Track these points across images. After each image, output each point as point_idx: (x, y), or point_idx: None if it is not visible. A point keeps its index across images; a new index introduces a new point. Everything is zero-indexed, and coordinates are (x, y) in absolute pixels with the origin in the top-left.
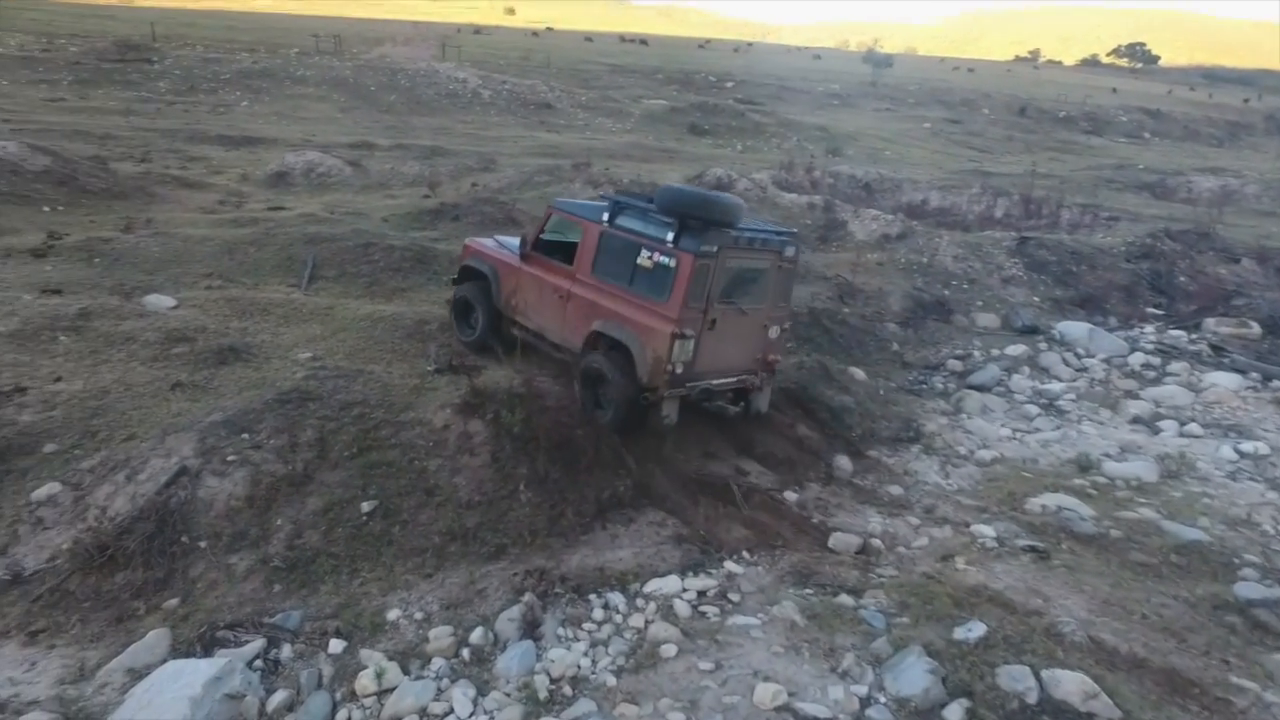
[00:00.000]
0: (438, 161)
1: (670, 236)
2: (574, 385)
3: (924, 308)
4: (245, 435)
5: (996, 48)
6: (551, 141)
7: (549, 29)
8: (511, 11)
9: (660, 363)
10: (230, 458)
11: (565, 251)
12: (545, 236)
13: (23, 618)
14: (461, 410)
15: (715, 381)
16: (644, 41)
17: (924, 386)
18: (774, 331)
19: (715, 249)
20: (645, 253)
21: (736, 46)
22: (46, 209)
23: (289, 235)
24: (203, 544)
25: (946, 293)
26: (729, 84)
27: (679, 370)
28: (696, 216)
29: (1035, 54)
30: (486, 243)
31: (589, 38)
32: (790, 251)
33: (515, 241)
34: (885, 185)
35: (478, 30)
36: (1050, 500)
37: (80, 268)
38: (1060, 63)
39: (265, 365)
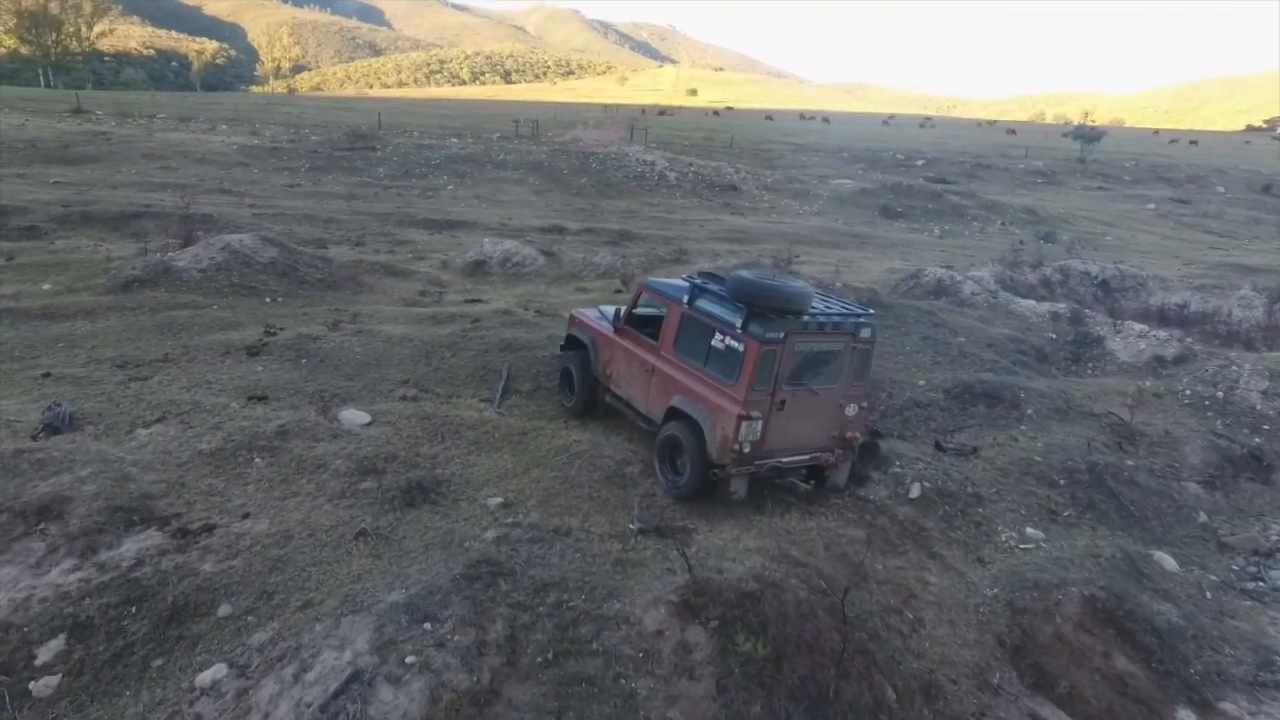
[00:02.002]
0: (627, 248)
1: (739, 322)
2: (659, 461)
3: (1232, 462)
4: (428, 625)
5: (1220, 118)
6: (738, 226)
7: (729, 108)
8: (694, 92)
9: (728, 441)
10: (409, 659)
11: (654, 326)
12: (637, 311)
13: None
14: (679, 611)
15: (786, 460)
16: (826, 119)
17: (1260, 584)
18: (851, 409)
19: (782, 335)
20: (718, 336)
21: (921, 122)
22: (268, 300)
23: (485, 340)
24: None
25: (1259, 441)
26: (919, 162)
27: (746, 449)
28: (763, 305)
29: (1274, 122)
30: (590, 314)
31: (769, 116)
32: (865, 333)
33: (616, 309)
34: (1127, 284)
35: (662, 112)
36: None
37: (288, 369)
38: None
39: (454, 510)
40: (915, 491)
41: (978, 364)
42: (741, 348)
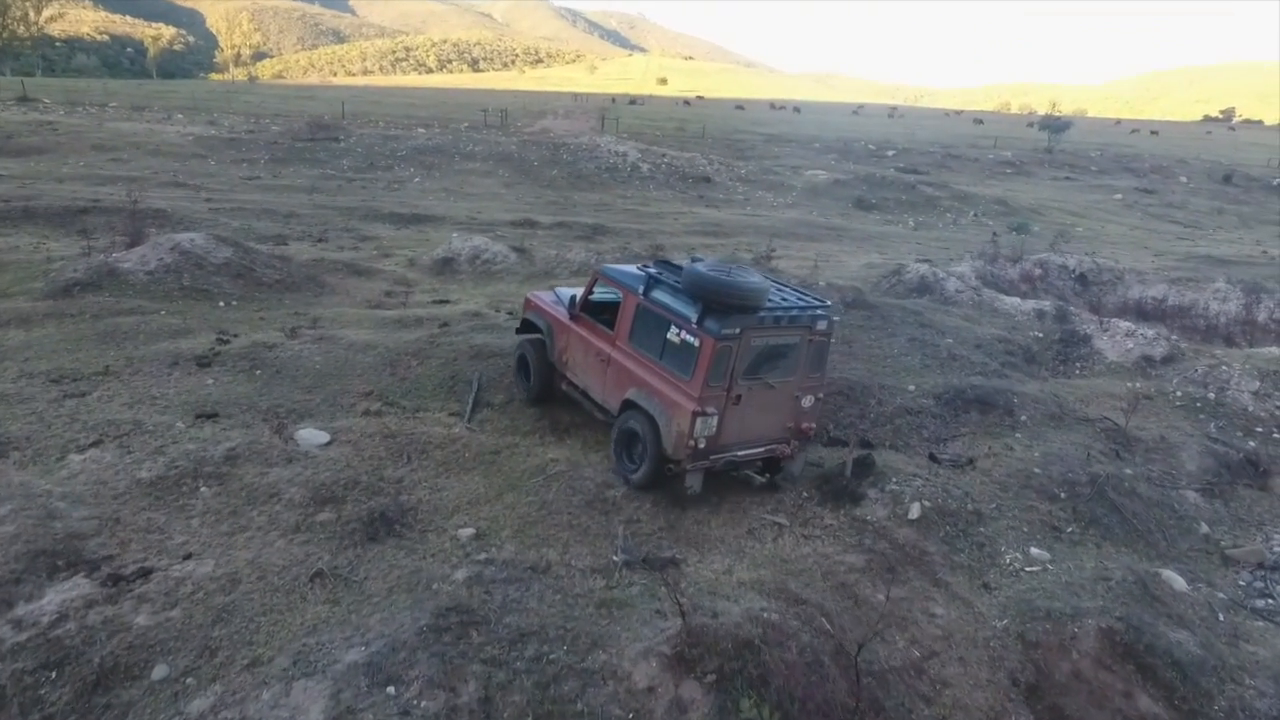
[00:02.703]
0: (601, 243)
1: (695, 317)
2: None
3: (1228, 468)
4: (391, 689)
5: (1178, 108)
6: (713, 219)
7: (700, 97)
8: (664, 81)
9: (683, 437)
10: None
11: (610, 313)
12: (593, 298)
13: None
14: (671, 664)
15: (741, 453)
16: (797, 109)
17: (1270, 601)
18: (808, 401)
19: (738, 331)
20: (674, 329)
21: (890, 112)
22: (222, 304)
23: (454, 346)
24: None
25: (1253, 445)
26: (890, 152)
27: (701, 445)
28: (718, 300)
29: (1229, 113)
30: (546, 297)
31: (740, 106)
32: (822, 326)
33: (572, 293)
34: (1104, 278)
35: (633, 101)
36: None
37: (241, 381)
38: (1260, 122)
39: (421, 544)
40: (915, 511)
41: (967, 367)
42: (697, 343)
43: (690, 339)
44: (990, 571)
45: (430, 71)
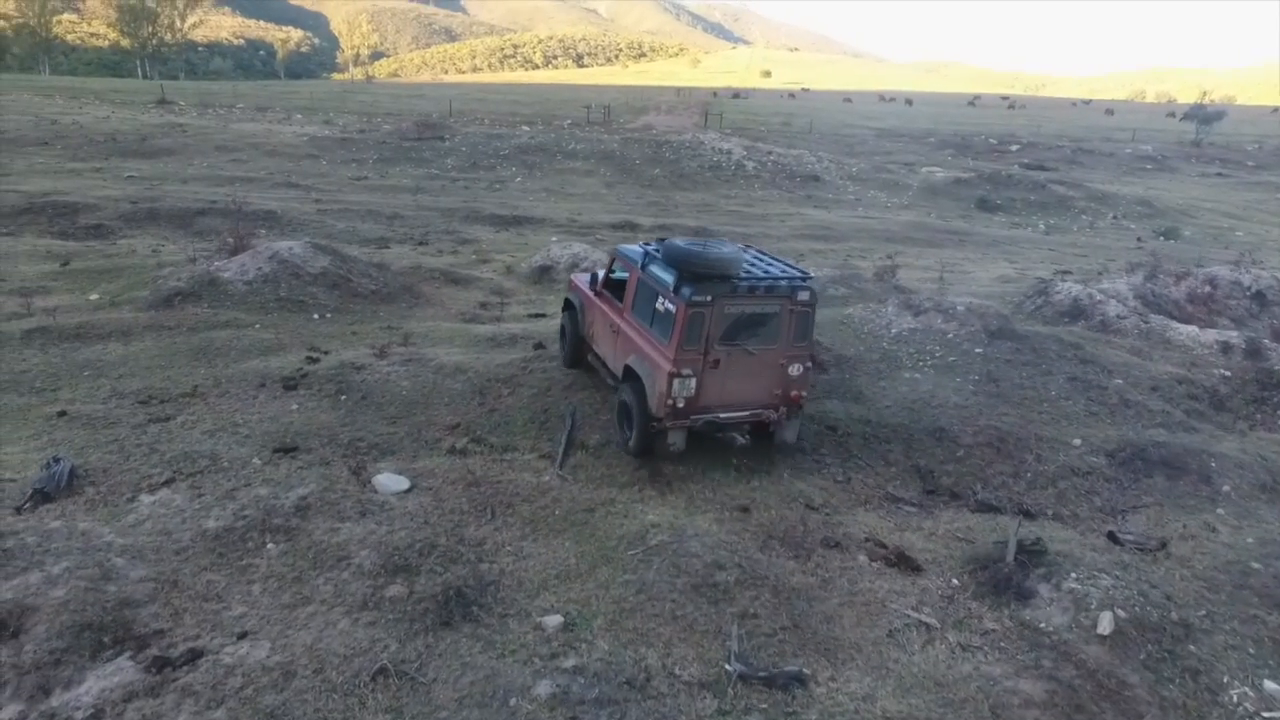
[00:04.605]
0: None
1: (672, 285)
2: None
3: None
4: None
5: None
6: (822, 221)
7: (805, 90)
8: (768, 74)
9: (663, 397)
10: None
11: (622, 290)
12: (612, 276)
13: None
14: None
15: (723, 415)
16: (908, 101)
17: None
18: (795, 369)
19: (709, 298)
20: (660, 299)
21: (1012, 103)
22: (316, 316)
23: (547, 373)
24: None
25: None
26: (1013, 147)
27: (680, 404)
28: (692, 270)
29: None
30: (584, 278)
31: (848, 98)
32: (804, 296)
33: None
34: None
35: (736, 94)
36: None
37: (325, 407)
38: None
39: (501, 634)
40: (1106, 624)
41: (1144, 416)
42: (674, 309)
43: (670, 306)
44: (1213, 715)
45: (536, 67)
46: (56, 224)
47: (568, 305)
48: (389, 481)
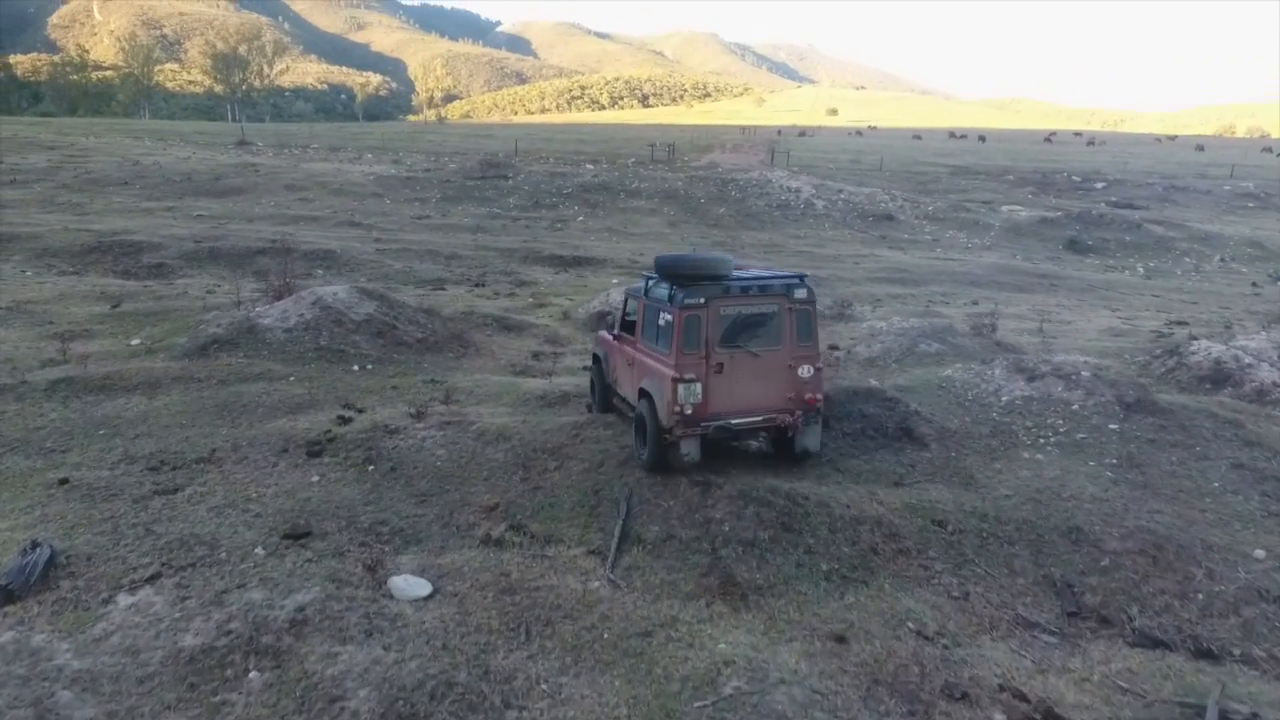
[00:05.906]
0: None
1: (667, 295)
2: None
3: None
4: None
5: None
6: (898, 263)
7: (872, 128)
8: (834, 112)
9: (670, 405)
10: None
11: (635, 327)
12: (628, 317)
13: None
14: None
15: (735, 421)
16: (981, 137)
17: None
18: (806, 371)
19: (701, 301)
20: (662, 315)
21: (1090, 139)
22: (356, 367)
23: (600, 444)
24: None
25: None
26: (1099, 184)
27: (689, 411)
28: (686, 276)
29: None
30: (607, 333)
31: (917, 135)
32: (800, 294)
33: None
34: None
35: (802, 133)
36: None
37: (349, 480)
38: None
39: None
40: None
41: None
42: (671, 317)
43: (668, 316)
44: None
45: (603, 108)
46: (120, 263)
47: (595, 359)
48: (407, 585)
